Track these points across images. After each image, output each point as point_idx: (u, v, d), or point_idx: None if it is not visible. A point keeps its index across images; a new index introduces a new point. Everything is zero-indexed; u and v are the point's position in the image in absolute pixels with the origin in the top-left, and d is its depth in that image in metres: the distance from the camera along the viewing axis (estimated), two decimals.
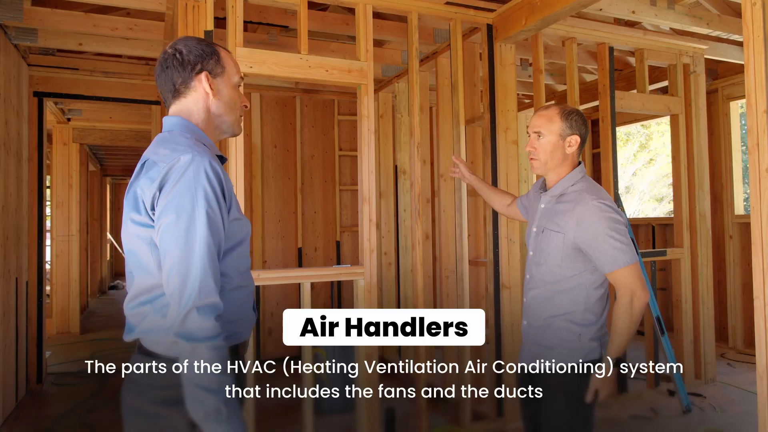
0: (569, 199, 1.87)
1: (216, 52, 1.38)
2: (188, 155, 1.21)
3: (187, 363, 1.15)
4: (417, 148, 3.41)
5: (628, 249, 1.77)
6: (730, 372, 4.59)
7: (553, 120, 1.91)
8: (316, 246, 5.38)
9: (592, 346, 1.83)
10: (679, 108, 4.31)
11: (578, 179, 1.91)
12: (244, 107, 1.45)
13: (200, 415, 1.15)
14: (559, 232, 1.85)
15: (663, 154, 14.84)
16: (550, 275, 1.88)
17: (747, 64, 2.15)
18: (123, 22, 3.68)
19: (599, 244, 1.77)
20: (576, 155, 1.94)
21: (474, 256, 3.88)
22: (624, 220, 1.83)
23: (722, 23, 4.00)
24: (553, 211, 1.91)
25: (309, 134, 5.41)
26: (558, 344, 1.85)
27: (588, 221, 1.79)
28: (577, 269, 1.84)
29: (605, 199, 1.82)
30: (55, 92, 4.70)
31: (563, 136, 1.90)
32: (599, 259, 1.79)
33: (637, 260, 1.78)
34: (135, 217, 1.24)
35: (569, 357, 1.83)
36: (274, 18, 3.86)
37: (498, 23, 3.56)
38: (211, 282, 1.19)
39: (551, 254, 1.87)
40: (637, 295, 1.75)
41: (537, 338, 1.92)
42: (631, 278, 1.76)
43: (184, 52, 1.34)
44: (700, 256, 4.31)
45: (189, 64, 1.34)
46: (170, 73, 1.35)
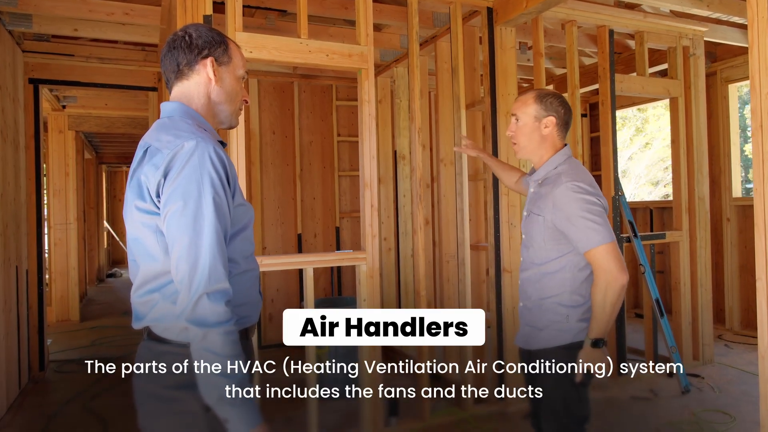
0: (549, 182, 1.90)
1: (225, 42, 1.39)
2: (192, 141, 1.20)
3: (200, 348, 1.15)
4: (418, 133, 3.40)
5: (602, 229, 1.77)
6: (728, 353, 4.65)
7: (528, 103, 1.94)
8: (315, 232, 5.38)
9: (581, 327, 1.85)
10: (679, 91, 4.31)
11: (560, 162, 1.92)
12: (244, 102, 1.45)
13: (214, 399, 1.16)
14: (539, 215, 1.88)
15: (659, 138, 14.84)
16: (537, 257, 1.92)
17: (751, 46, 2.14)
18: (119, 7, 3.64)
19: (573, 224, 1.79)
20: (556, 137, 1.94)
21: (474, 241, 3.89)
22: (601, 202, 1.82)
23: (722, 5, 3.99)
24: (537, 195, 1.94)
25: (307, 120, 5.39)
26: (547, 325, 1.88)
27: (562, 202, 1.81)
28: (561, 251, 1.86)
29: (581, 182, 1.83)
30: (51, 79, 4.66)
31: (538, 118, 1.92)
32: (574, 239, 1.81)
33: (614, 240, 1.79)
34: (140, 204, 1.24)
35: (557, 338, 1.86)
36: (273, 2, 3.82)
37: (498, 6, 3.53)
38: (221, 268, 1.19)
39: (535, 237, 1.91)
40: (613, 275, 1.75)
41: (529, 319, 1.97)
42: (607, 258, 1.76)
43: (194, 36, 1.34)
44: (699, 239, 4.34)
45: (197, 47, 1.34)
46: (176, 54, 1.34)
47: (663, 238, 4.24)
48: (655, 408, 3.51)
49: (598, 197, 1.83)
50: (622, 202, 4.10)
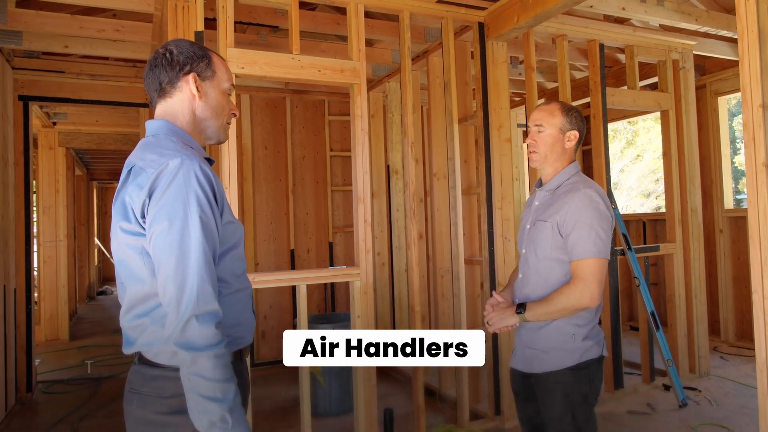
0: (564, 191, 1.88)
1: (208, 55, 1.36)
2: (177, 159, 1.17)
3: (189, 373, 1.12)
4: (411, 148, 3.39)
5: (602, 245, 1.76)
6: (724, 365, 4.63)
7: (555, 114, 1.93)
8: (308, 247, 5.35)
9: (587, 345, 1.82)
10: (669, 104, 4.34)
11: (573, 173, 1.94)
12: (232, 115, 1.42)
13: (205, 425, 1.12)
14: (547, 221, 1.86)
15: (649, 150, 14.96)
16: (543, 270, 1.87)
17: (742, 59, 2.15)
18: (110, 24, 3.63)
19: (578, 229, 1.77)
20: (573, 151, 1.96)
21: (468, 255, 3.87)
22: (611, 217, 1.82)
23: (710, 19, 4.03)
24: (547, 203, 1.92)
25: (300, 135, 5.38)
26: (552, 346, 1.84)
27: (576, 206, 1.79)
28: (567, 263, 1.82)
29: (599, 192, 1.83)
30: (41, 96, 4.63)
31: (563, 131, 1.92)
32: (572, 243, 1.78)
33: (607, 259, 1.78)
34: (125, 225, 1.21)
35: (564, 360, 1.82)
36: (264, 18, 3.82)
37: (490, 21, 3.55)
38: (209, 289, 1.16)
39: (541, 245, 1.87)
40: (589, 295, 1.73)
41: (529, 341, 1.91)
42: (593, 273, 1.74)
43: (175, 52, 1.32)
44: (693, 251, 4.34)
45: (178, 64, 1.31)
46: (158, 72, 1.32)
47: (657, 250, 4.24)
48: (653, 422, 3.48)
49: (610, 211, 1.83)
50: (616, 215, 4.09)
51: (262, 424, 3.68)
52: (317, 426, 3.63)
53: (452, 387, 4.05)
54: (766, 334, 2.12)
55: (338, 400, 3.84)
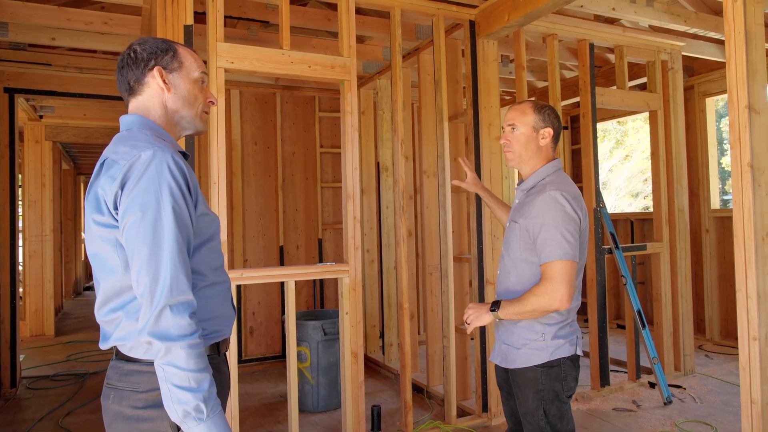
0: (536, 191, 1.89)
1: (173, 47, 1.36)
2: (149, 151, 1.18)
3: (163, 363, 1.12)
4: (401, 145, 3.39)
5: (569, 247, 1.74)
6: (708, 363, 4.69)
7: (527, 113, 1.93)
8: (297, 244, 5.33)
9: (558, 343, 1.83)
10: (658, 104, 4.37)
11: (550, 173, 1.92)
12: (210, 103, 1.42)
13: (180, 415, 1.12)
14: (517, 222, 1.88)
15: (638, 150, 15.07)
16: (514, 269, 1.89)
17: (729, 60, 2.17)
18: (98, 17, 3.59)
19: (544, 232, 1.77)
20: (550, 149, 1.95)
21: (457, 253, 3.88)
22: (579, 216, 1.80)
23: (699, 20, 4.07)
24: (522, 203, 1.93)
25: (290, 131, 5.36)
26: (524, 344, 1.86)
27: (541, 209, 1.79)
28: (536, 262, 1.83)
29: (566, 192, 1.81)
30: (27, 88, 4.58)
31: (536, 129, 1.92)
32: (540, 247, 1.78)
33: (576, 261, 1.76)
34: (97, 218, 1.20)
35: (535, 357, 1.83)
36: (254, 13, 3.80)
37: (480, 19, 3.56)
38: (183, 279, 1.16)
39: (512, 245, 1.90)
40: (558, 297, 1.72)
41: (504, 337, 1.94)
42: (561, 274, 1.73)
43: (138, 50, 1.33)
44: (679, 250, 4.38)
45: (142, 61, 1.32)
46: (125, 72, 1.34)
47: (644, 249, 4.27)
48: (638, 419, 3.52)
49: (578, 211, 1.81)
50: (604, 214, 4.13)
51: (249, 420, 3.68)
52: (305, 422, 3.63)
53: (440, 384, 4.07)
54: (750, 333, 2.15)
55: (326, 397, 3.84)
